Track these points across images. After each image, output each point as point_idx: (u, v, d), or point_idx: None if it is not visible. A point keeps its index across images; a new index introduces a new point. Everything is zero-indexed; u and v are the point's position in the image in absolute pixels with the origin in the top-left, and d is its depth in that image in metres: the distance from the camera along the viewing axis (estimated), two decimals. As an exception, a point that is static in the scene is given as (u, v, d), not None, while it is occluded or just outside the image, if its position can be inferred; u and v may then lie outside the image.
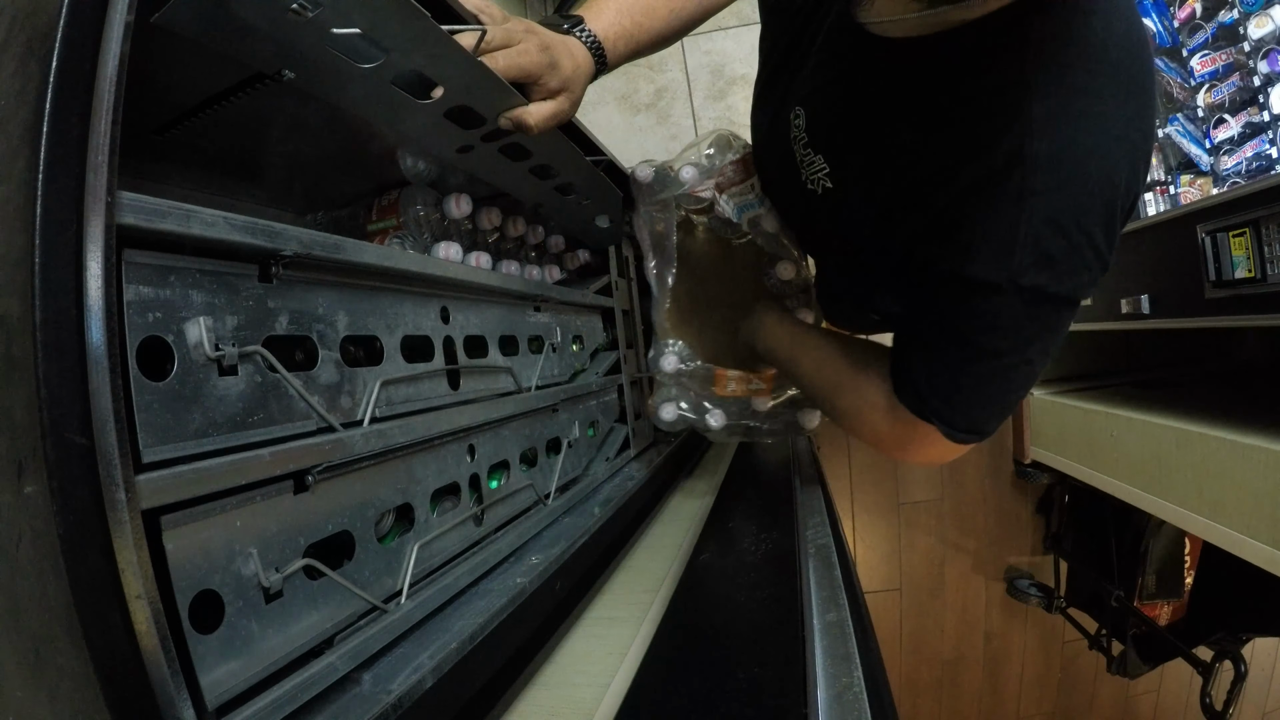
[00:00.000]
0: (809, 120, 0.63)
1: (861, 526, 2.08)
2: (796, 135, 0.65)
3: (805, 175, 0.64)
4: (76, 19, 0.25)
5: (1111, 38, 0.45)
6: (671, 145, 1.98)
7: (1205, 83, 1.20)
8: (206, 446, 0.31)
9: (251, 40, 0.34)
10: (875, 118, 0.55)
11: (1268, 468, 0.98)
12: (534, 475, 0.65)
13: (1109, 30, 0.45)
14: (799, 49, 0.65)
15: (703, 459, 1.19)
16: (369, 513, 0.42)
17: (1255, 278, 0.96)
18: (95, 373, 0.25)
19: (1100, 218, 0.46)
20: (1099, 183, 0.45)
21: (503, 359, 0.62)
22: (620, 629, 0.55)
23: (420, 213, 0.64)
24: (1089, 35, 0.45)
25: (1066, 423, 1.58)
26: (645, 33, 0.64)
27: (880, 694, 0.43)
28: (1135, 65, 0.46)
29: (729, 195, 0.81)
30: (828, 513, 0.79)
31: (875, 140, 0.55)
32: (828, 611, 0.53)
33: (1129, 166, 0.46)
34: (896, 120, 0.53)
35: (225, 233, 0.32)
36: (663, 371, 0.84)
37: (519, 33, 0.50)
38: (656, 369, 0.85)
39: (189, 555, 0.29)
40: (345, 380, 0.41)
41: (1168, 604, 1.68)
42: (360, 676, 0.37)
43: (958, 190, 0.48)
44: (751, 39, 0.77)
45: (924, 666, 2.13)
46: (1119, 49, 0.46)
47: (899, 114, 0.53)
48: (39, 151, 0.24)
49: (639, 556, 0.73)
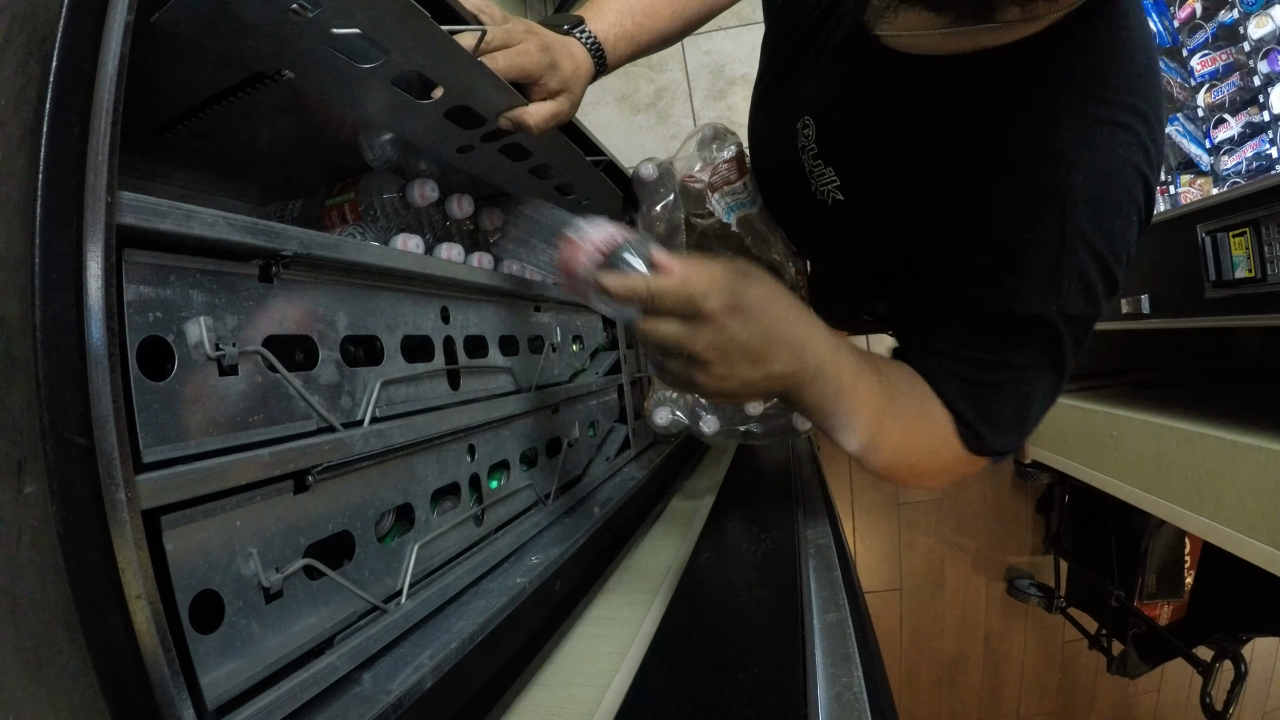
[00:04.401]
0: (819, 131, 0.62)
1: (861, 526, 2.08)
2: (805, 145, 0.64)
3: (815, 186, 0.63)
4: (76, 19, 0.25)
5: (1133, 61, 0.46)
6: (671, 145, 1.97)
7: (1205, 83, 1.20)
8: (207, 446, 0.31)
9: (251, 40, 0.34)
10: (892, 137, 0.54)
11: (1268, 468, 0.98)
12: (534, 475, 0.65)
13: (1131, 56, 0.45)
14: (806, 56, 0.64)
15: (703, 459, 1.19)
16: (369, 513, 0.42)
17: (1255, 278, 0.96)
18: (95, 373, 0.25)
19: (1133, 238, 0.47)
20: (1130, 207, 0.46)
21: (503, 359, 0.62)
22: (620, 629, 0.55)
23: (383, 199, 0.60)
24: (1112, 63, 0.45)
25: (1066, 423, 1.58)
26: (646, 33, 0.64)
27: (880, 694, 0.43)
28: (1154, 90, 0.47)
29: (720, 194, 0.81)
30: (828, 513, 0.79)
31: (893, 161, 0.54)
32: (828, 611, 0.53)
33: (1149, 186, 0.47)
34: (916, 143, 0.52)
35: (225, 232, 0.32)
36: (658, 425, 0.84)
37: (519, 33, 0.50)
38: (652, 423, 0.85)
39: (189, 555, 0.29)
40: (345, 380, 0.41)
41: (1168, 604, 1.68)
42: (360, 676, 0.37)
43: (995, 225, 0.48)
44: (751, 39, 0.77)
45: (924, 666, 2.13)
46: (1139, 73, 0.46)
47: (918, 136, 0.52)
48: (39, 151, 0.24)
49: (639, 556, 0.73)
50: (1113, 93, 0.45)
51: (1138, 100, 0.45)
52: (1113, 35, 0.45)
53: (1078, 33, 0.45)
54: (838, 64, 0.60)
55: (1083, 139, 0.44)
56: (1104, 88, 0.45)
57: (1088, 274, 0.46)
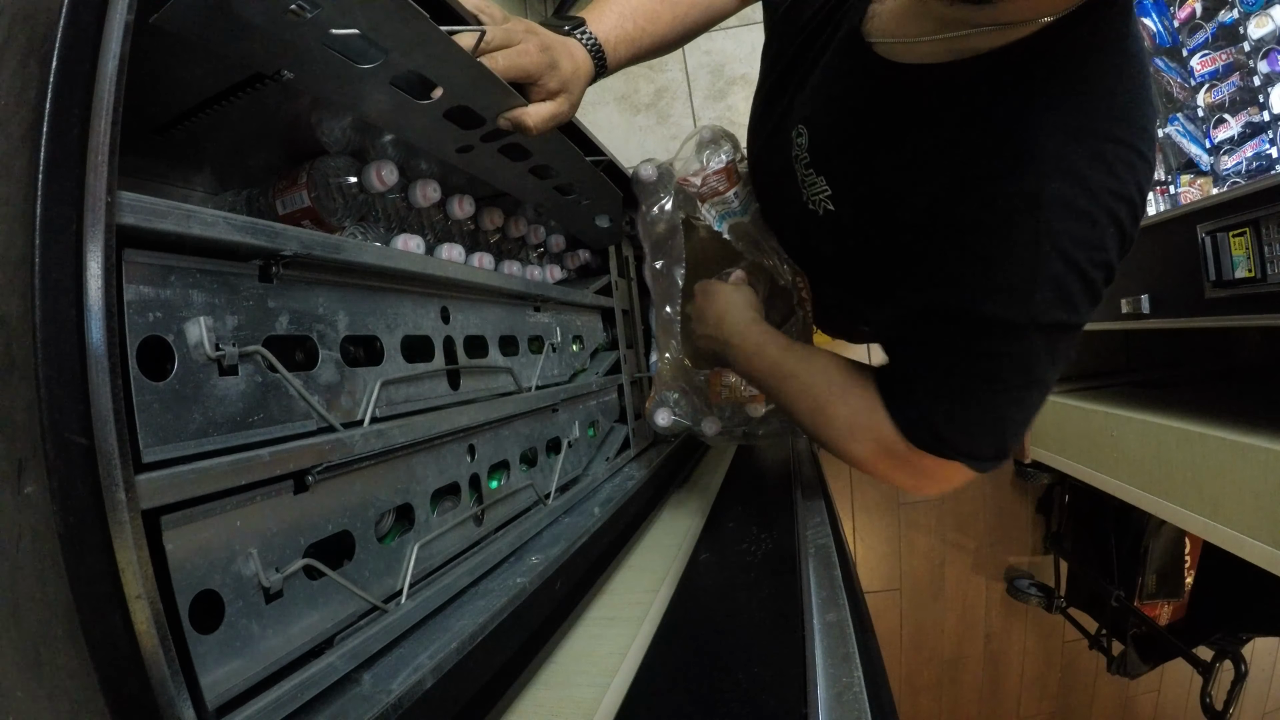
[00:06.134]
0: (811, 140, 0.62)
1: (861, 526, 2.08)
2: (798, 154, 0.64)
3: (807, 195, 0.64)
4: (76, 19, 0.25)
5: (1120, 75, 0.45)
6: (671, 145, 1.96)
7: (1205, 83, 1.20)
8: (207, 446, 0.31)
9: (251, 40, 0.34)
10: (879, 146, 0.54)
11: (1268, 468, 0.98)
12: (534, 475, 0.65)
13: (1118, 67, 0.45)
14: (803, 64, 0.64)
15: (703, 459, 1.19)
16: (369, 513, 0.42)
17: (1255, 278, 0.96)
18: (95, 373, 0.25)
19: (1114, 248, 0.46)
20: (1111, 217, 0.45)
21: (503, 359, 0.62)
22: (620, 629, 0.55)
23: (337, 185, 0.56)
24: (1098, 73, 0.45)
25: (1066, 423, 1.58)
26: (647, 37, 0.64)
27: (880, 694, 0.43)
28: (1142, 101, 0.46)
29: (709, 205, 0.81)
30: (828, 513, 0.78)
31: (879, 170, 0.54)
32: (828, 611, 0.53)
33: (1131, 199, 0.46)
34: (903, 149, 0.52)
35: (225, 233, 0.32)
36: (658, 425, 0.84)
37: (519, 33, 0.50)
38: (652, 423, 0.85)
39: (189, 555, 0.29)
40: (345, 380, 0.41)
41: (1168, 604, 1.68)
42: (360, 676, 0.37)
43: (969, 228, 0.48)
44: (751, 39, 0.77)
45: (924, 666, 2.13)
46: (1127, 87, 0.45)
47: (903, 144, 0.52)
48: (39, 151, 0.24)
49: (639, 556, 0.73)
50: (1100, 104, 0.45)
51: (1126, 114, 0.45)
52: (1105, 46, 0.45)
53: (1070, 40, 0.44)
54: (831, 74, 0.60)
55: (1064, 148, 0.44)
56: (1091, 96, 0.45)
57: (1063, 283, 0.45)
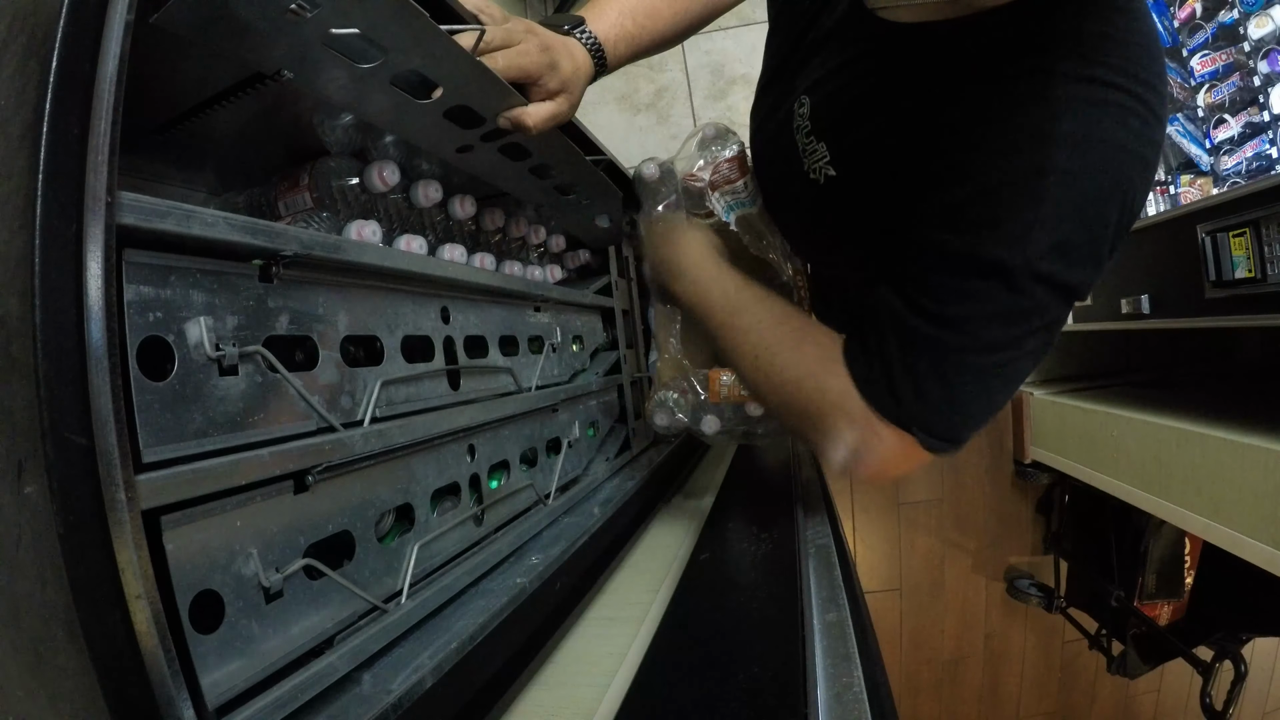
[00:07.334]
0: (813, 108, 0.62)
1: (861, 526, 2.08)
2: (800, 124, 0.64)
3: (808, 165, 0.63)
4: (76, 19, 0.25)
5: (1134, 36, 0.45)
6: (671, 145, 1.96)
7: (1205, 83, 1.20)
8: (207, 446, 0.31)
9: (251, 40, 0.34)
10: (881, 98, 0.54)
11: (1268, 468, 0.98)
12: (534, 475, 0.65)
13: (1132, 29, 0.45)
14: (805, 43, 0.65)
15: (703, 459, 1.19)
16: (369, 513, 0.42)
17: (1255, 278, 0.96)
18: (95, 373, 0.25)
19: (1116, 209, 0.45)
20: (1119, 173, 0.44)
21: (503, 359, 0.62)
22: (620, 629, 0.55)
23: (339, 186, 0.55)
24: (1114, 31, 0.44)
25: (1066, 423, 1.58)
26: (647, 34, 0.64)
27: (880, 694, 0.43)
28: (1156, 67, 0.46)
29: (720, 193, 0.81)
30: (828, 513, 0.78)
31: (880, 121, 0.54)
32: (828, 611, 0.53)
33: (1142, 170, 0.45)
34: (904, 100, 0.52)
35: (225, 233, 0.32)
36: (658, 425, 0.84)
37: (519, 33, 0.50)
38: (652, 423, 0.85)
39: (189, 555, 0.29)
40: (345, 380, 0.41)
41: (1168, 604, 1.67)
42: (360, 676, 0.37)
43: (975, 168, 0.46)
44: (751, 39, 0.77)
45: (924, 666, 2.13)
46: (1141, 48, 0.45)
47: (908, 94, 0.52)
48: (39, 151, 0.24)
49: (639, 556, 0.73)
50: (1110, 57, 0.44)
51: (1136, 66, 0.44)
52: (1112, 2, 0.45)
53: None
54: (833, 43, 0.60)
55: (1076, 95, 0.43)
56: (1101, 51, 0.44)
57: (1062, 226, 0.44)
